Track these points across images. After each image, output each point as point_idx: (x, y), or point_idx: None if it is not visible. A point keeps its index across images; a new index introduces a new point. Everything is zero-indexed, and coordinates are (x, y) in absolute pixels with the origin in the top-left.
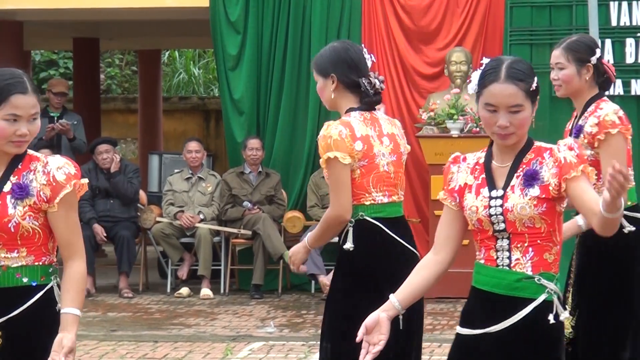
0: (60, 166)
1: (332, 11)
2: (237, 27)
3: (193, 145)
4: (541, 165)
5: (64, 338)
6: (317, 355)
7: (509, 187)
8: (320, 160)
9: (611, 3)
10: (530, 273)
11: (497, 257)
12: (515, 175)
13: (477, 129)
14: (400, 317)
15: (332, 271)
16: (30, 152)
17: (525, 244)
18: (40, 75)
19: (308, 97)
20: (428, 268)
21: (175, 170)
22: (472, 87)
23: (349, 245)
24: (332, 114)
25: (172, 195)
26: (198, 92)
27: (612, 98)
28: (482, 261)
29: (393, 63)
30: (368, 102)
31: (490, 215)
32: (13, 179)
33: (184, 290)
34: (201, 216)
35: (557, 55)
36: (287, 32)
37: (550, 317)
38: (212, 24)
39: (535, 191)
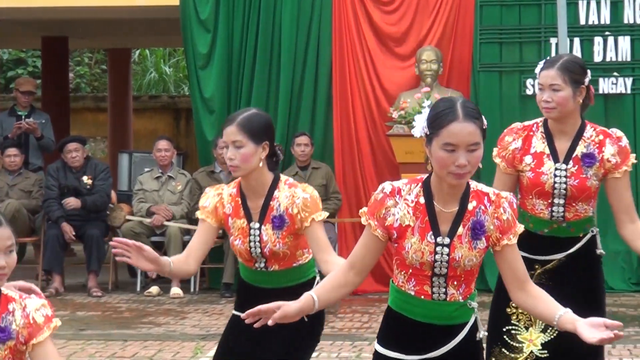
0: (38, 308)
1: (302, 10)
2: (208, 26)
3: (163, 144)
4: (484, 215)
5: None
6: None
7: (456, 237)
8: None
9: (580, 2)
10: (462, 301)
11: (433, 293)
12: (462, 223)
13: None
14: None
15: None
16: (4, 291)
17: (461, 281)
18: (8, 74)
19: (278, 96)
20: (346, 287)
21: (146, 169)
22: (419, 130)
23: None
24: (302, 114)
25: (142, 194)
26: (168, 91)
27: None
28: (412, 292)
29: (364, 61)
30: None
31: (435, 262)
32: None
33: (154, 289)
34: (170, 214)
35: (553, 76)
36: (257, 30)
37: (478, 334)
38: (182, 23)
39: (482, 243)
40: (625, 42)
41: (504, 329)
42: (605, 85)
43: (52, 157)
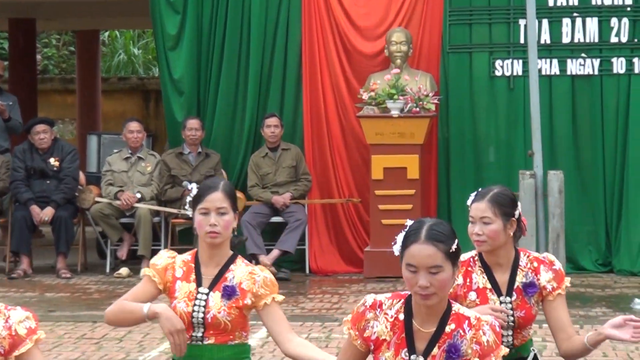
0: (22, 320)
1: None
2: (177, 7)
3: (134, 126)
4: (462, 339)
5: None
6: (257, 334)
7: (430, 356)
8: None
9: None
10: None
11: None
12: (437, 345)
13: (417, 109)
14: None
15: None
16: None
17: None
18: None
19: (247, 77)
20: None
21: (114, 151)
22: (397, 248)
23: None
24: (272, 95)
25: (111, 175)
26: (137, 73)
27: (548, 78)
28: None
29: (333, 43)
30: None
31: None
32: None
33: (124, 271)
34: (138, 195)
35: (483, 208)
36: (226, 11)
37: None
38: (151, 4)
39: None
40: (593, 23)
41: None
42: (573, 67)
43: (19, 139)
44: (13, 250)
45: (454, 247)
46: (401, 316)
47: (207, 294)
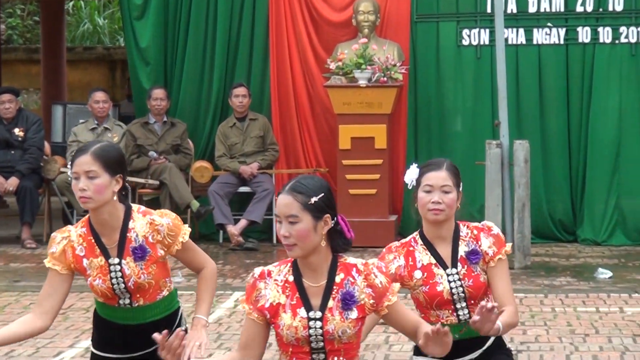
0: None
1: None
2: None
3: (100, 96)
4: (353, 286)
5: None
6: (225, 303)
7: (327, 309)
8: None
9: None
10: None
11: None
12: (331, 296)
13: (385, 78)
14: None
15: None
16: None
17: (340, 355)
18: None
19: (215, 46)
20: None
21: (80, 121)
22: None
23: None
24: (239, 65)
25: (77, 145)
26: (103, 43)
27: (514, 47)
28: None
29: (301, 11)
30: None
31: (310, 336)
32: None
33: None
34: None
35: (444, 177)
36: None
37: None
38: None
39: (354, 314)
40: None
41: None
42: (539, 36)
43: None
44: None
45: (313, 199)
46: (290, 278)
47: (119, 264)
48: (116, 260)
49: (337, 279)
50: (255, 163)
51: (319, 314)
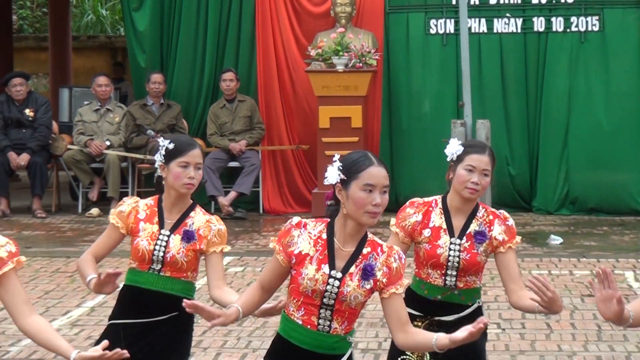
0: (3, 245)
1: None
2: None
3: (102, 80)
4: (375, 261)
5: None
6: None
7: (348, 274)
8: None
9: None
10: (343, 335)
11: (319, 324)
12: (355, 264)
13: (360, 64)
14: None
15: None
16: None
17: (344, 318)
18: None
19: (206, 35)
20: (259, 303)
21: (85, 103)
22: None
23: None
24: (228, 52)
25: (82, 125)
26: (105, 32)
27: (477, 35)
28: (300, 322)
29: (284, 3)
30: None
31: (325, 291)
32: None
33: (94, 211)
34: (107, 142)
35: (486, 162)
36: None
37: None
38: None
39: (369, 284)
40: None
41: (399, 359)
42: (499, 25)
43: None
44: None
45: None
46: (324, 235)
47: (169, 236)
48: (167, 233)
49: (364, 250)
50: (243, 140)
51: (339, 275)
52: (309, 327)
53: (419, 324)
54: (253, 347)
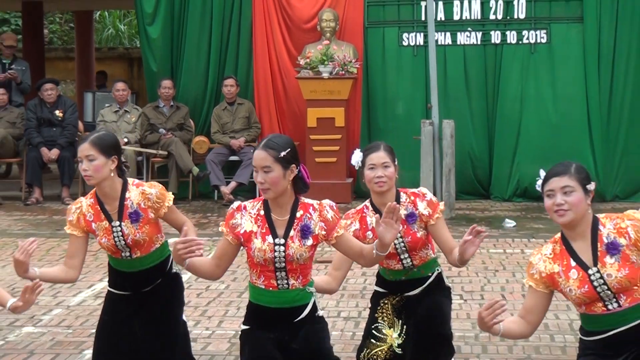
0: None
1: None
2: None
3: (120, 86)
4: (310, 220)
5: None
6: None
7: (289, 237)
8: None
9: None
10: (301, 287)
11: (279, 284)
12: (293, 228)
13: (343, 72)
14: None
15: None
16: None
17: (298, 273)
18: None
19: (210, 47)
20: (212, 277)
21: (106, 105)
22: None
23: None
24: (229, 62)
25: (103, 124)
26: (123, 44)
27: (443, 47)
28: (263, 286)
29: (277, 19)
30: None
31: (275, 258)
32: None
33: None
34: (125, 139)
35: (383, 156)
36: None
37: (318, 312)
38: None
39: (309, 241)
40: (476, 4)
41: (372, 327)
42: (462, 38)
43: (31, 95)
44: (27, 182)
45: (282, 153)
46: (262, 212)
47: (119, 225)
48: (117, 223)
49: (298, 214)
50: (242, 138)
51: (282, 241)
52: (271, 289)
53: (391, 299)
54: None
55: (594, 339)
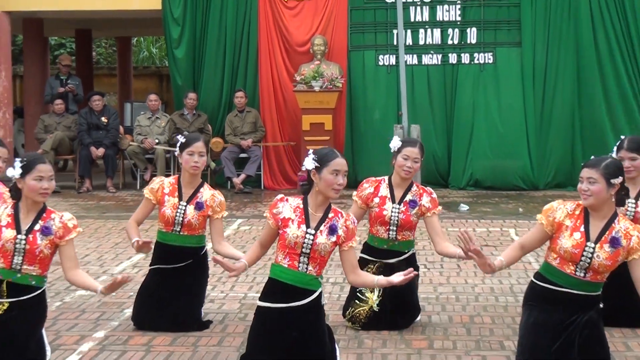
0: (70, 219)
1: (239, 13)
2: (179, 22)
3: (153, 97)
4: (338, 222)
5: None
6: (232, 226)
7: (319, 230)
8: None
9: (410, 7)
10: (315, 275)
11: (299, 267)
12: (324, 224)
13: (331, 86)
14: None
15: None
16: (48, 208)
17: (317, 263)
18: (55, 52)
19: (224, 66)
20: (258, 258)
21: (141, 113)
22: (310, 162)
23: None
24: (239, 78)
25: (139, 128)
26: (155, 64)
27: (411, 66)
28: (286, 265)
29: (278, 43)
30: None
31: (304, 243)
32: (40, 222)
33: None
34: (156, 140)
35: (417, 152)
36: (210, 24)
37: (323, 300)
38: (163, 19)
39: (333, 238)
40: (437, 32)
41: (357, 290)
42: (426, 59)
43: (82, 104)
44: (80, 175)
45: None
46: (301, 205)
47: (185, 206)
48: (184, 203)
49: (330, 215)
50: (250, 139)
51: (313, 232)
52: (292, 269)
53: (372, 266)
54: (257, 281)
55: (546, 286)
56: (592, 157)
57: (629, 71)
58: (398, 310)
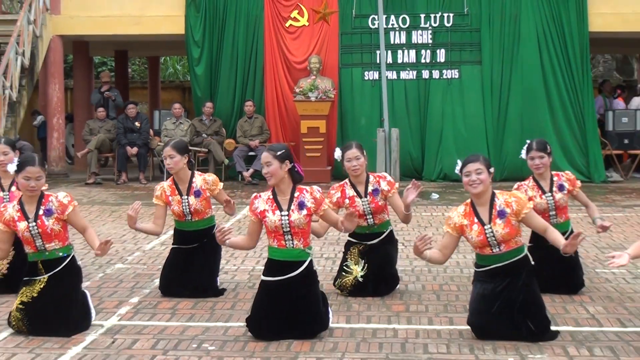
0: (65, 196)
1: (248, 36)
2: (199, 44)
3: (177, 106)
4: (304, 198)
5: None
6: (243, 212)
7: (290, 210)
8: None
9: (391, 32)
10: (302, 247)
11: (287, 244)
12: (292, 204)
13: (324, 97)
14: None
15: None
16: (45, 192)
17: (300, 236)
18: (98, 69)
19: (236, 81)
20: (248, 248)
21: (167, 119)
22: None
23: None
24: (248, 90)
25: (165, 131)
26: (179, 78)
27: (391, 81)
28: (276, 246)
29: (281, 61)
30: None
31: (282, 224)
32: (42, 207)
33: None
34: None
35: (355, 152)
36: (224, 46)
37: (315, 266)
38: (186, 41)
39: (304, 212)
40: (412, 52)
41: (344, 264)
42: (404, 75)
43: (120, 111)
44: (118, 169)
45: (278, 153)
46: (271, 196)
47: (187, 199)
48: (186, 197)
49: (295, 194)
50: (257, 140)
51: (286, 213)
52: (281, 247)
53: (358, 246)
54: (263, 256)
55: (482, 270)
56: (470, 155)
57: (567, 84)
58: (380, 280)
